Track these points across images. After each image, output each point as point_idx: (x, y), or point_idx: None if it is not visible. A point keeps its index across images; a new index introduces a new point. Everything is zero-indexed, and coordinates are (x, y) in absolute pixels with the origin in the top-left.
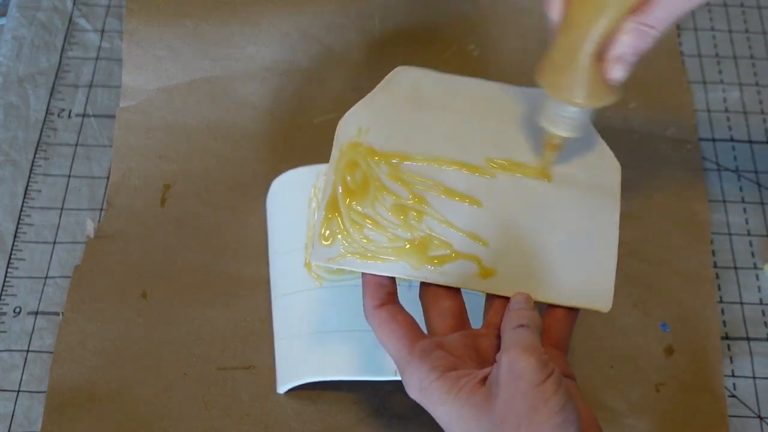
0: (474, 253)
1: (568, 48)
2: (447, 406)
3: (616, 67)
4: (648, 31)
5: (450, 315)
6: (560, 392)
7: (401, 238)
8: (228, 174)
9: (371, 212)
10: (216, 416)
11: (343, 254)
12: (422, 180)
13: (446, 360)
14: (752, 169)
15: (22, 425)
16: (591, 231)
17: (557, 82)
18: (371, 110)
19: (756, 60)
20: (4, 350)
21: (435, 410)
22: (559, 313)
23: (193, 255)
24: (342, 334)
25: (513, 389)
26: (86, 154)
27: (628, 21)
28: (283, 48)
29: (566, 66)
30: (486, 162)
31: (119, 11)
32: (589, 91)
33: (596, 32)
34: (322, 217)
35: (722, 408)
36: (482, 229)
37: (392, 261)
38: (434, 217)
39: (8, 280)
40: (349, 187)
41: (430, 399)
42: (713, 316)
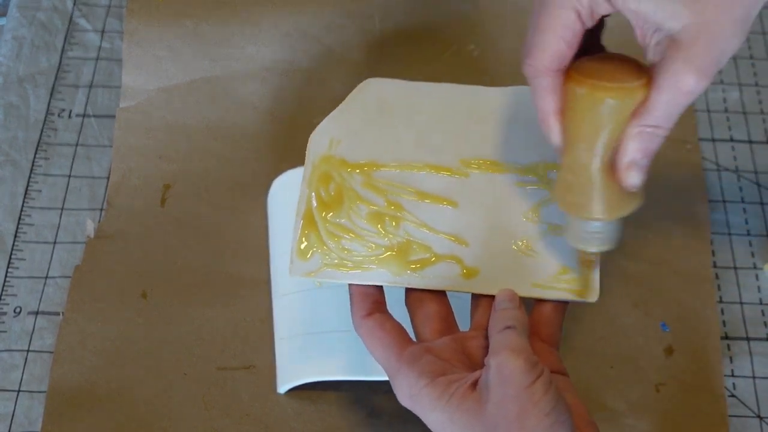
0: (455, 254)
1: (577, 167)
2: (438, 413)
3: (629, 174)
4: (654, 132)
5: (436, 319)
6: (550, 393)
7: (380, 245)
8: (228, 174)
9: (348, 223)
10: (216, 416)
11: (321, 267)
12: (396, 186)
13: (435, 365)
14: (752, 169)
15: (22, 425)
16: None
17: (575, 201)
18: (341, 122)
19: (756, 60)
20: (4, 350)
21: (426, 417)
22: (546, 308)
23: (193, 255)
24: (341, 334)
25: (502, 393)
26: (86, 154)
27: (632, 126)
28: (283, 48)
29: (579, 185)
30: (459, 162)
31: (119, 11)
32: (608, 204)
33: (600, 146)
34: (298, 231)
35: (722, 408)
36: (461, 229)
37: (373, 269)
38: (411, 221)
39: (8, 280)
40: (324, 200)
41: (421, 405)
42: (713, 316)
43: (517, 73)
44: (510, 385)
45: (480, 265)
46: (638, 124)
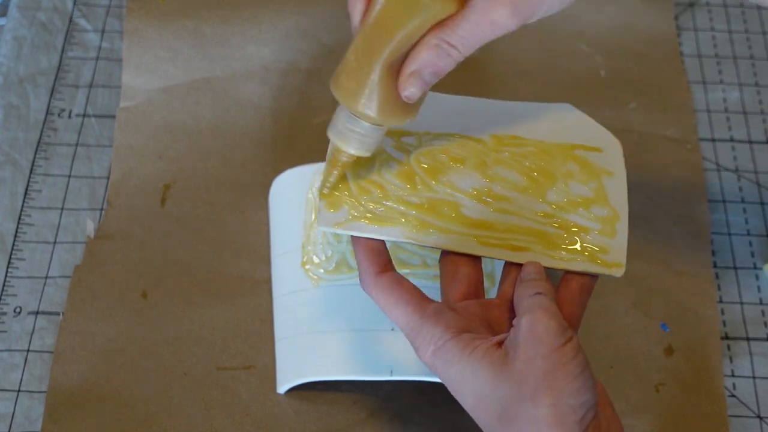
0: (484, 218)
1: (364, 53)
2: (461, 366)
3: (410, 82)
4: (449, 51)
5: (466, 282)
6: (579, 357)
7: (410, 203)
8: (228, 174)
9: (377, 178)
10: (216, 416)
11: (349, 219)
12: (427, 150)
13: (460, 322)
14: (752, 169)
15: (22, 425)
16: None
17: (349, 87)
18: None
19: (756, 60)
20: (4, 350)
21: (448, 370)
22: (573, 286)
23: (193, 255)
24: (341, 334)
25: (533, 351)
26: (86, 154)
27: (431, 35)
28: (283, 48)
29: (359, 71)
30: (490, 137)
31: (119, 11)
32: (381, 105)
33: (394, 41)
34: (328, 181)
35: (722, 408)
36: (491, 196)
37: (401, 225)
38: (442, 182)
39: (8, 280)
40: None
41: (444, 360)
42: (713, 316)
43: (517, 73)
44: (541, 344)
45: (510, 233)
46: (437, 36)
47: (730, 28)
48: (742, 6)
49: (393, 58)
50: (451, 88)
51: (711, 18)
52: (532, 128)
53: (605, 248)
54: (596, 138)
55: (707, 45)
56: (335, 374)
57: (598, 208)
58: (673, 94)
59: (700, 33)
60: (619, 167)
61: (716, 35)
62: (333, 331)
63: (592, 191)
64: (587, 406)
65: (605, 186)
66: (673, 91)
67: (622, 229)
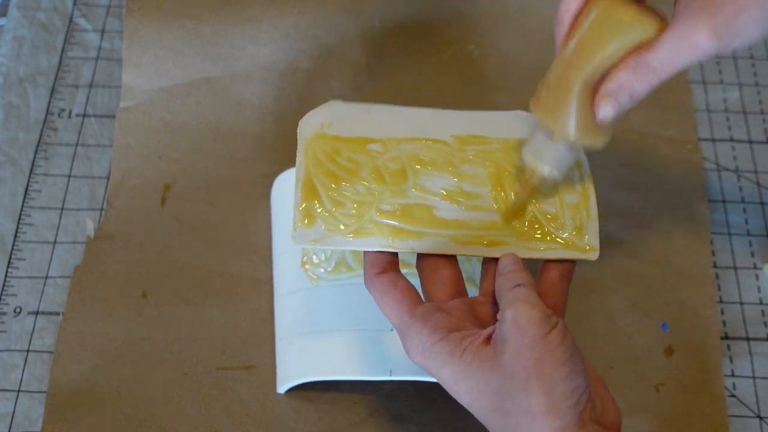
0: (458, 218)
1: (565, 72)
2: (453, 367)
3: (603, 102)
4: (647, 73)
5: (448, 284)
6: (566, 342)
7: (383, 211)
8: (228, 174)
9: (348, 188)
10: (216, 416)
11: (324, 235)
12: (394, 155)
13: (448, 322)
14: (752, 169)
15: (22, 425)
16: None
17: (548, 104)
18: (329, 113)
19: (756, 60)
20: (4, 350)
21: (439, 372)
22: (552, 274)
23: (193, 255)
24: (341, 334)
25: (519, 343)
26: (86, 154)
27: (630, 58)
28: (283, 48)
29: (559, 89)
30: (452, 137)
31: (119, 11)
32: (579, 123)
33: (594, 61)
34: (299, 200)
35: (722, 408)
36: (462, 195)
37: (376, 235)
38: (412, 186)
39: (8, 280)
40: (322, 168)
41: (434, 361)
42: (713, 316)
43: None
44: (526, 335)
45: (483, 229)
46: (636, 58)
47: None
48: None
49: (592, 78)
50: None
51: None
52: (491, 130)
53: (579, 234)
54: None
55: None
56: (335, 374)
57: (568, 196)
58: (673, 94)
59: None
60: (581, 155)
61: None
62: (333, 331)
63: (559, 180)
64: (580, 391)
65: (572, 174)
66: (673, 91)
67: (593, 214)
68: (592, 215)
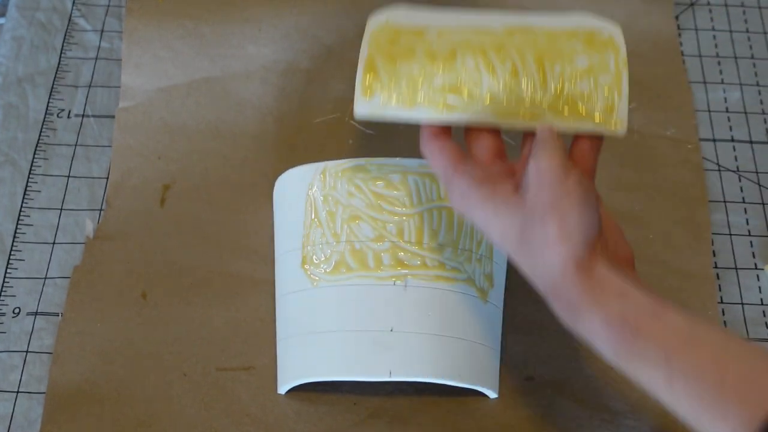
0: (505, 92)
1: None
2: (485, 210)
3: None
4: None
5: (491, 150)
6: (582, 187)
7: (434, 87)
8: (228, 174)
9: (405, 67)
10: (216, 417)
11: (381, 107)
12: (446, 38)
13: (485, 174)
14: (753, 169)
15: (21, 426)
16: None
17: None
18: (395, 12)
19: (757, 60)
20: (3, 351)
21: (474, 213)
22: (584, 146)
23: (192, 255)
24: (341, 335)
25: (538, 185)
26: (86, 155)
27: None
28: (283, 48)
29: None
30: (501, 27)
31: (119, 11)
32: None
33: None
34: (361, 75)
35: None
36: (507, 72)
37: (427, 107)
38: (463, 65)
39: (7, 280)
40: (383, 48)
41: (469, 203)
42: (714, 316)
43: None
44: (545, 178)
45: (524, 105)
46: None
47: (731, 27)
48: (743, 5)
49: None
50: None
51: (712, 18)
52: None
53: (609, 112)
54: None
55: (708, 45)
56: (335, 375)
57: (602, 76)
58: (674, 94)
59: (700, 33)
60: (621, 43)
61: (717, 35)
62: (332, 331)
63: (596, 63)
64: (592, 227)
65: (607, 56)
66: (674, 91)
67: (624, 93)
68: (623, 95)
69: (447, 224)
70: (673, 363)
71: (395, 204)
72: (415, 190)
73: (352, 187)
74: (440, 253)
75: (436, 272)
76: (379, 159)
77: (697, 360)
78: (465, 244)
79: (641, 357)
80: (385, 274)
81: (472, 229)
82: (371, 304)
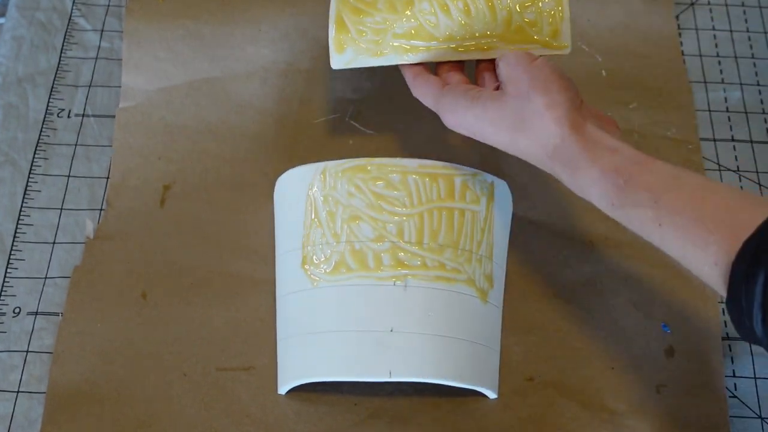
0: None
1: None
2: (474, 110)
3: None
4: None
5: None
6: (550, 64)
7: (397, 34)
8: (227, 174)
9: (369, 19)
10: (216, 417)
11: (353, 57)
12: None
13: (467, 87)
14: (753, 169)
15: (21, 426)
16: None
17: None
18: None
19: (757, 60)
20: (3, 351)
21: (466, 119)
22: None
23: (192, 255)
24: (340, 335)
25: (515, 74)
26: (86, 155)
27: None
28: (283, 48)
29: None
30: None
31: (119, 11)
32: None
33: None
34: (333, 32)
35: (723, 409)
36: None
37: (395, 52)
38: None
39: (8, 280)
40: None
41: (458, 112)
42: (714, 316)
43: None
44: (518, 65)
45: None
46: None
47: (731, 27)
48: (743, 5)
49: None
50: None
51: (712, 17)
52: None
53: (554, 35)
54: None
55: (708, 44)
56: (335, 375)
57: (545, 3)
58: (674, 93)
59: (701, 32)
60: None
61: (717, 34)
62: (332, 331)
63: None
64: (572, 90)
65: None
66: (674, 90)
67: (566, 16)
68: (565, 17)
69: (447, 224)
70: (661, 203)
71: (395, 204)
72: (415, 190)
73: (352, 187)
74: (440, 253)
75: (436, 272)
76: (379, 159)
77: (680, 198)
78: (465, 244)
79: (633, 202)
80: (385, 274)
81: (473, 230)
82: (371, 304)
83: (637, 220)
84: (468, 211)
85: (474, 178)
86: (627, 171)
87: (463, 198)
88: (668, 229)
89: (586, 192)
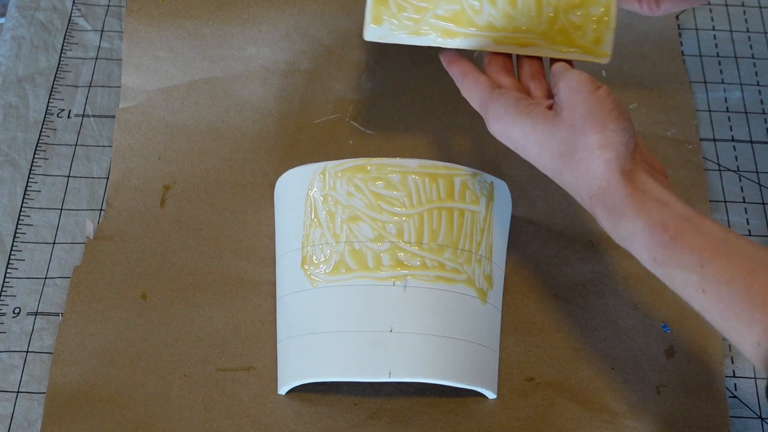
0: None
1: None
2: (522, 125)
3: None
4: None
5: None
6: (612, 96)
7: (437, 15)
8: (228, 175)
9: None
10: (216, 417)
11: (389, 33)
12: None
13: (519, 96)
14: (753, 169)
15: (21, 426)
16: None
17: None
18: None
19: (757, 60)
20: (3, 351)
21: (512, 132)
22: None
23: (193, 256)
24: (340, 335)
25: (573, 99)
26: (86, 155)
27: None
28: (283, 48)
29: None
30: None
31: (119, 11)
32: None
33: None
34: (372, 3)
35: (723, 409)
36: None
37: (432, 34)
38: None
39: (8, 280)
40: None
41: (506, 123)
42: None
43: None
44: (579, 92)
45: (520, 32)
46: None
47: (731, 27)
48: (743, 5)
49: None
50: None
51: (712, 17)
52: None
53: (597, 42)
54: None
55: (708, 45)
56: (335, 376)
57: (593, 8)
58: (675, 94)
59: (701, 32)
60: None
61: (717, 35)
62: (332, 332)
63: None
64: (628, 131)
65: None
66: (675, 91)
67: (612, 26)
68: (611, 26)
69: (447, 225)
70: (707, 269)
71: (395, 204)
72: (414, 191)
73: (351, 188)
74: (440, 253)
75: (435, 273)
76: (378, 159)
77: (728, 267)
78: (464, 244)
79: (677, 262)
80: (385, 274)
81: (472, 230)
82: (371, 304)
83: (680, 282)
84: (468, 211)
85: (474, 178)
86: (674, 227)
87: (463, 198)
88: (712, 299)
89: (626, 242)
